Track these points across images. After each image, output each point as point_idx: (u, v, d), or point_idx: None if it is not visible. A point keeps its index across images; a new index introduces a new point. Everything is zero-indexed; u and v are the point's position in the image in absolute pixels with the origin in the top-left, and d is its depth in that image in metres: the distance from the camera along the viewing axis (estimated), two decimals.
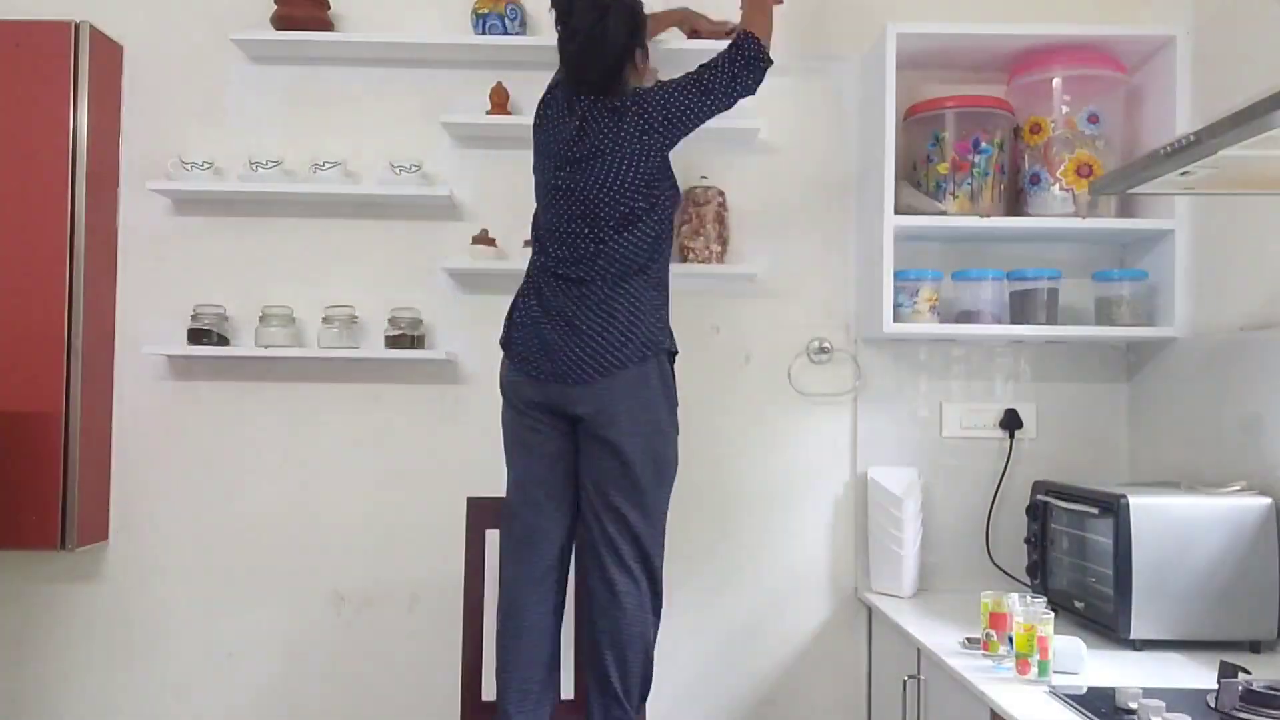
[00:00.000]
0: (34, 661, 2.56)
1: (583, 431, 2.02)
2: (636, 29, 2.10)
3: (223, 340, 2.50)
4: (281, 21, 2.48)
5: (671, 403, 2.09)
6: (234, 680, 2.55)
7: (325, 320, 2.49)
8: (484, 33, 2.49)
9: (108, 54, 2.52)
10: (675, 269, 2.48)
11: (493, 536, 2.22)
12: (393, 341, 2.49)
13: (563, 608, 2.12)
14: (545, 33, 2.51)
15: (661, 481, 2.06)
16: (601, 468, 2.00)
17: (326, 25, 2.52)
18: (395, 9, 2.60)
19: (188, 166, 2.48)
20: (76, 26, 2.42)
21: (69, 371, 2.39)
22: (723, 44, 2.38)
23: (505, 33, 2.48)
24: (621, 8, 2.06)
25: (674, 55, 2.47)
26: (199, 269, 2.58)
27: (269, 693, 2.56)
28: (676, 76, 2.12)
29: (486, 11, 2.48)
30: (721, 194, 2.49)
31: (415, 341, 2.50)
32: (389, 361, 2.56)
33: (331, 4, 2.54)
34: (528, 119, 2.51)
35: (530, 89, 2.56)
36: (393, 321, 2.49)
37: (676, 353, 2.13)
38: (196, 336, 2.48)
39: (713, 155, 2.59)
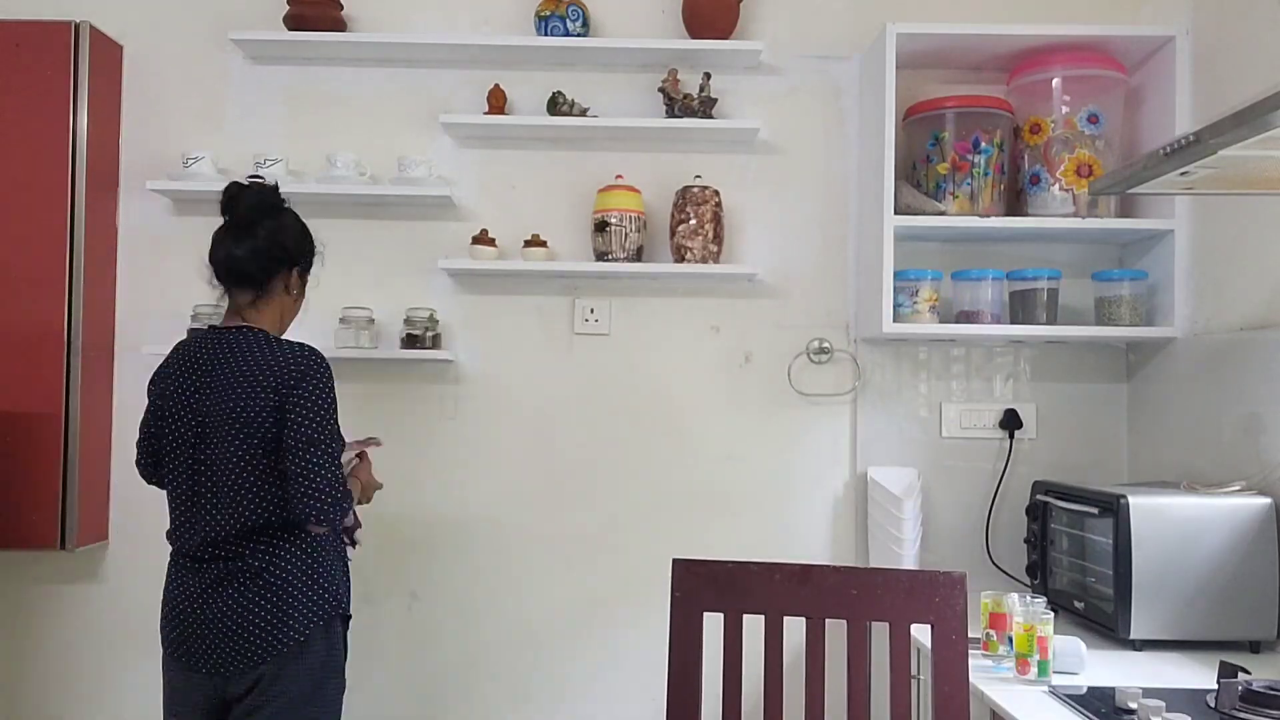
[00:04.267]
0: (34, 661, 2.56)
1: None
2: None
3: None
4: (294, 21, 2.49)
5: None
6: None
7: (342, 321, 2.49)
8: (546, 34, 2.49)
9: (108, 54, 2.52)
10: (674, 269, 2.49)
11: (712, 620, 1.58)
12: (407, 342, 2.49)
13: None
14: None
15: None
16: None
17: (340, 25, 2.53)
18: (406, 9, 2.60)
19: (189, 162, 2.47)
20: (76, 26, 2.42)
21: (69, 371, 2.39)
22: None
23: (567, 34, 2.49)
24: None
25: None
26: (199, 269, 2.57)
27: None
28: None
29: (549, 13, 2.49)
30: (718, 193, 2.49)
31: (434, 341, 2.51)
32: (389, 361, 2.56)
33: (344, 4, 2.54)
34: (527, 119, 2.53)
35: (534, 90, 2.58)
36: (408, 322, 2.49)
37: None
38: None
39: (713, 155, 2.59)
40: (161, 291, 2.57)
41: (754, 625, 1.55)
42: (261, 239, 1.86)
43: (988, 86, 2.53)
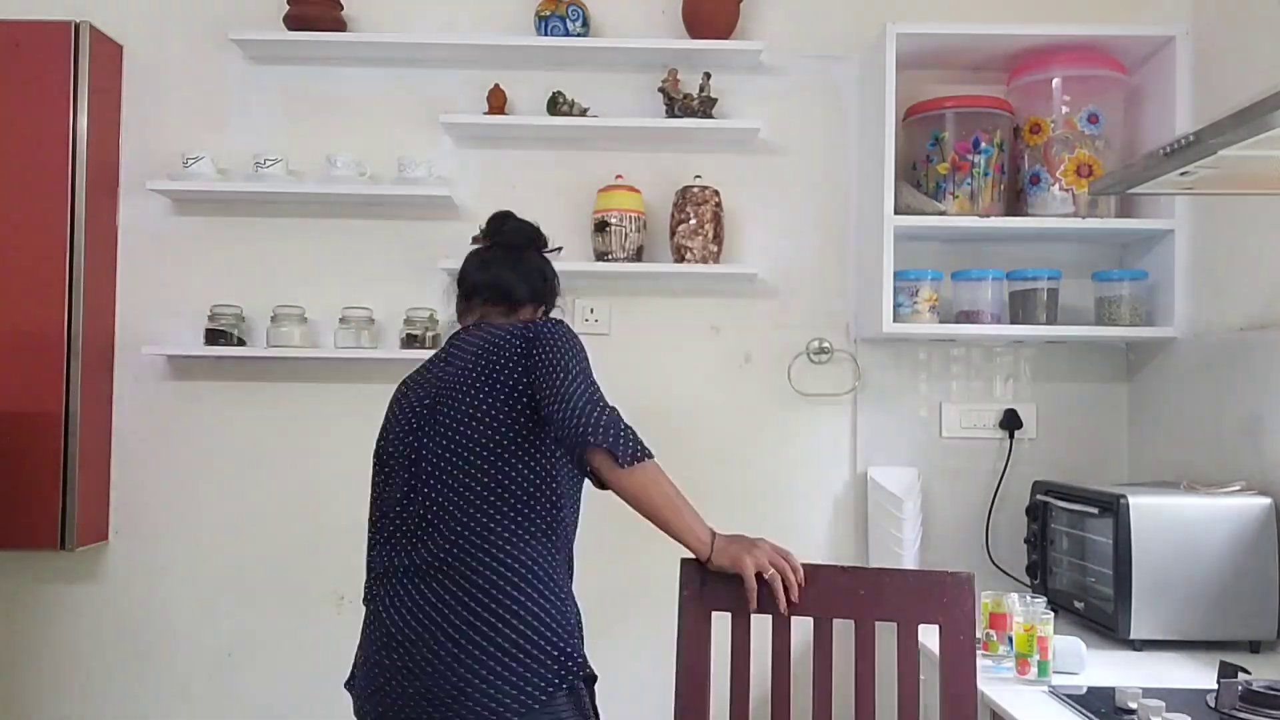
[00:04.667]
0: (34, 661, 2.56)
1: None
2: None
3: (240, 341, 2.50)
4: (294, 21, 2.49)
5: None
6: (234, 680, 2.56)
7: (342, 321, 2.49)
8: (546, 34, 2.49)
9: (108, 54, 2.52)
10: (674, 269, 2.50)
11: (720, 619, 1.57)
12: (407, 342, 2.49)
13: None
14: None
15: None
16: None
17: (340, 25, 2.53)
18: (406, 9, 2.60)
19: (189, 162, 2.47)
20: (76, 26, 2.42)
21: (69, 371, 2.39)
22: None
23: (567, 34, 2.49)
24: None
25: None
26: (198, 269, 2.58)
27: (269, 693, 2.56)
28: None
29: (549, 13, 2.49)
30: (718, 193, 2.49)
31: (434, 341, 2.50)
32: (389, 361, 2.56)
33: (344, 4, 2.54)
34: (527, 119, 2.53)
35: (534, 90, 2.58)
36: (408, 322, 2.49)
37: None
38: (214, 337, 2.48)
39: (713, 155, 2.59)
40: (161, 292, 2.57)
41: (761, 625, 1.55)
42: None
43: (988, 86, 2.53)
